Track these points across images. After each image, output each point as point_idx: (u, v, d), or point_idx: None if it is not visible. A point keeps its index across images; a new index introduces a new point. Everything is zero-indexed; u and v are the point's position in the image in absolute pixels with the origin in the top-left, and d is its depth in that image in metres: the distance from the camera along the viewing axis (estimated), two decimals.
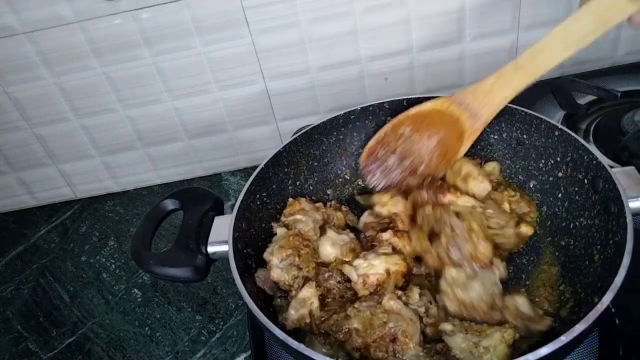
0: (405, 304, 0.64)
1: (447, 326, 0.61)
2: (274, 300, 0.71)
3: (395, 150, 0.79)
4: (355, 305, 0.64)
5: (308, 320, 0.65)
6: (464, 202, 0.72)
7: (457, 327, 0.60)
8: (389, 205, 0.76)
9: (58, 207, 1.20)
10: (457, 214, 0.71)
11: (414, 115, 0.79)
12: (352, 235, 0.75)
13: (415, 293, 0.65)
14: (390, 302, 0.63)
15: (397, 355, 0.59)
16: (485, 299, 0.63)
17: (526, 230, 0.73)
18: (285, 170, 0.82)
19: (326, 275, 0.70)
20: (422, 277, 0.71)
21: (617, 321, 0.64)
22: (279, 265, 0.69)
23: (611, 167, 0.64)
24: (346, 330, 0.62)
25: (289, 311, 0.66)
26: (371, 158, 0.80)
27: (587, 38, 0.64)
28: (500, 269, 0.67)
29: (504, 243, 0.72)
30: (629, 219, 0.58)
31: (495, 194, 0.76)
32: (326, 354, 0.62)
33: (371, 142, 0.81)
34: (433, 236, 0.70)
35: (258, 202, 0.76)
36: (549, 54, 0.67)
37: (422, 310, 0.64)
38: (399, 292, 0.65)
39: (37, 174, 1.16)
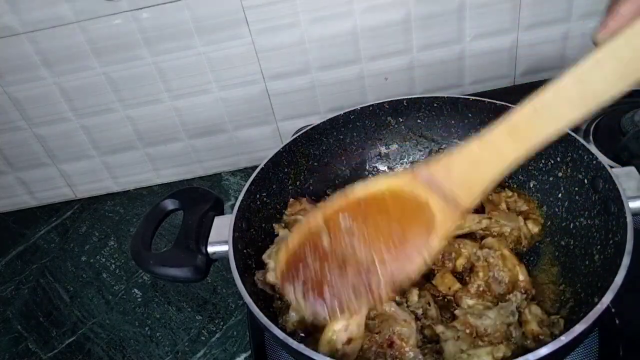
0: (399, 304, 0.63)
1: (440, 328, 0.60)
2: (274, 301, 0.71)
3: (327, 256, 0.54)
4: None
5: (309, 323, 0.65)
6: (470, 221, 0.70)
7: (449, 331, 0.59)
8: None
9: (58, 207, 1.20)
10: (481, 243, 0.66)
11: (357, 200, 0.54)
12: None
13: (414, 295, 0.65)
14: (385, 304, 0.62)
15: (396, 359, 0.58)
16: (500, 328, 0.59)
17: (533, 227, 0.73)
18: (285, 170, 0.82)
19: None
20: (420, 278, 0.70)
21: (617, 321, 0.64)
22: (275, 268, 0.68)
23: (611, 167, 0.64)
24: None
25: (289, 313, 0.66)
26: (292, 268, 0.55)
27: (608, 92, 0.44)
28: (517, 296, 0.63)
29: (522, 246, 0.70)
30: (629, 219, 0.58)
31: (493, 196, 0.75)
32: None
33: (292, 241, 0.56)
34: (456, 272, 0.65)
35: (258, 202, 0.76)
36: (558, 112, 0.46)
37: (419, 311, 0.64)
38: (396, 297, 0.65)
39: (37, 174, 1.16)
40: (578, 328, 0.50)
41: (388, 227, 0.53)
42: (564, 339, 0.49)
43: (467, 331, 0.58)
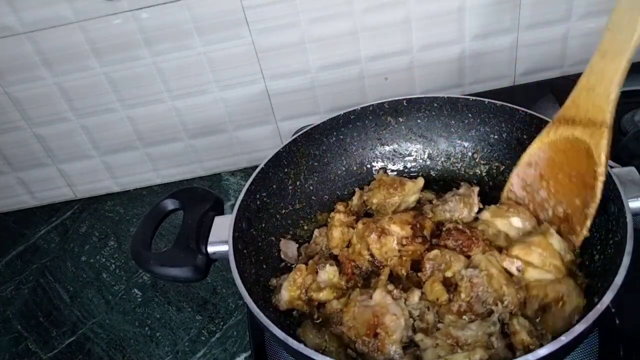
0: (397, 299, 0.63)
1: (419, 336, 0.60)
2: (269, 280, 0.72)
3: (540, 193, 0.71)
4: (351, 296, 0.64)
5: (300, 302, 0.67)
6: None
7: (428, 340, 0.60)
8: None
9: (58, 207, 1.20)
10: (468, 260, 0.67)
11: (527, 161, 0.71)
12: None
13: (415, 295, 0.65)
14: (380, 295, 0.62)
15: (377, 351, 0.59)
16: (481, 339, 0.59)
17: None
18: (285, 170, 0.82)
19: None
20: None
21: (617, 321, 0.64)
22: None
23: (611, 167, 0.64)
24: (339, 320, 0.62)
25: (281, 292, 0.67)
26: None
27: None
28: (499, 308, 0.62)
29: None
30: (629, 219, 0.58)
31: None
32: (317, 343, 0.63)
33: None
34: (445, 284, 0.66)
35: (258, 202, 0.76)
36: (628, 21, 0.57)
37: (416, 312, 0.64)
38: (394, 290, 0.64)
39: (37, 174, 1.16)
40: (578, 328, 0.50)
41: (567, 176, 0.67)
42: (564, 339, 0.49)
43: (448, 341, 0.59)
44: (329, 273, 0.69)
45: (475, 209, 0.75)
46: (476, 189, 0.76)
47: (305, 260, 0.76)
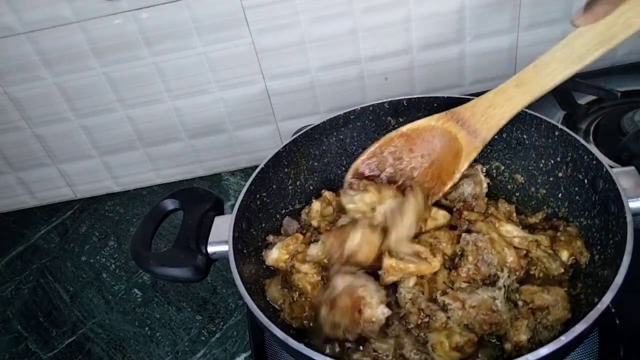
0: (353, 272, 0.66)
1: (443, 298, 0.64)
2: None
3: (384, 170, 0.76)
4: (321, 299, 0.66)
5: (283, 265, 0.72)
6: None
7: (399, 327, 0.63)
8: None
9: (58, 207, 1.20)
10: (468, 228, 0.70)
11: (405, 132, 0.75)
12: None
13: (411, 280, 0.66)
14: (340, 279, 0.64)
15: (368, 322, 0.61)
16: (487, 301, 0.61)
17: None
18: (285, 170, 0.82)
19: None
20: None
21: (617, 321, 0.64)
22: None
23: (611, 167, 0.64)
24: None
25: (272, 250, 0.72)
26: (357, 176, 0.77)
27: (590, 55, 0.61)
28: (504, 273, 0.65)
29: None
30: (629, 219, 0.58)
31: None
32: (275, 297, 0.69)
33: (357, 161, 0.77)
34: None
35: (258, 202, 0.76)
36: (551, 70, 0.64)
37: (408, 296, 0.65)
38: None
39: (37, 174, 1.16)
40: (578, 328, 0.50)
41: (429, 152, 0.73)
42: (564, 339, 0.49)
43: (457, 304, 0.62)
44: (318, 249, 0.71)
45: (485, 185, 0.78)
46: (479, 166, 0.79)
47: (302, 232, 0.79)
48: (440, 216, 0.74)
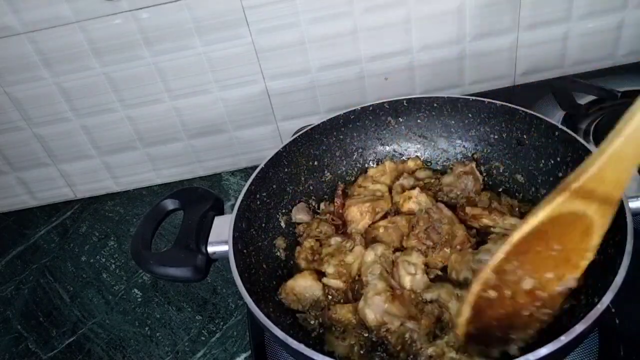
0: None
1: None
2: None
3: (502, 292, 0.57)
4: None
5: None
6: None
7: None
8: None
9: (58, 207, 1.20)
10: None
11: (520, 240, 0.54)
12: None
13: (414, 257, 0.69)
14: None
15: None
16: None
17: None
18: (285, 170, 0.82)
19: None
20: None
21: (617, 321, 0.64)
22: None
23: None
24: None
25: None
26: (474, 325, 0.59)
27: None
28: None
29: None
30: (629, 219, 0.58)
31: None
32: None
33: (469, 300, 0.58)
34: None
35: (258, 202, 0.76)
36: None
37: (411, 269, 0.68)
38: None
39: (37, 174, 1.16)
40: (578, 328, 0.50)
41: (550, 248, 0.54)
42: (564, 339, 0.49)
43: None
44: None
45: (481, 180, 0.80)
46: (473, 163, 0.81)
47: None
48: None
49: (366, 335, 0.65)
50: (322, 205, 0.85)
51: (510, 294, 0.56)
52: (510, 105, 0.78)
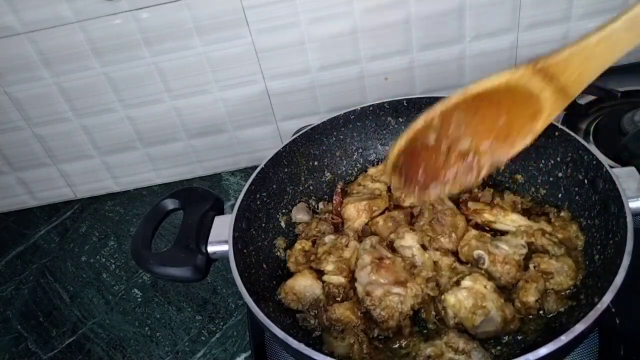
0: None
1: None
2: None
3: (433, 149, 0.61)
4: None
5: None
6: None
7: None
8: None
9: (58, 207, 1.20)
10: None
11: (473, 95, 0.57)
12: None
13: (408, 240, 0.71)
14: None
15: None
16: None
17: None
18: (285, 170, 0.82)
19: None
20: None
21: (617, 321, 0.64)
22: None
23: (611, 167, 0.64)
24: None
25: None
26: (404, 159, 0.62)
27: None
28: None
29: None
30: (629, 219, 0.58)
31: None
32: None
33: (408, 134, 0.60)
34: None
35: (258, 202, 0.76)
36: None
37: (408, 253, 0.70)
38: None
39: (37, 174, 1.16)
40: (578, 328, 0.50)
41: (497, 116, 0.57)
42: (564, 339, 0.49)
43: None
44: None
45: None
46: None
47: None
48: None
49: (365, 332, 0.65)
50: (320, 205, 0.85)
51: (445, 149, 0.60)
52: None
